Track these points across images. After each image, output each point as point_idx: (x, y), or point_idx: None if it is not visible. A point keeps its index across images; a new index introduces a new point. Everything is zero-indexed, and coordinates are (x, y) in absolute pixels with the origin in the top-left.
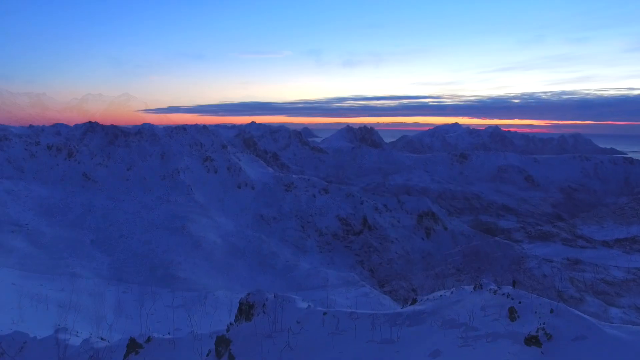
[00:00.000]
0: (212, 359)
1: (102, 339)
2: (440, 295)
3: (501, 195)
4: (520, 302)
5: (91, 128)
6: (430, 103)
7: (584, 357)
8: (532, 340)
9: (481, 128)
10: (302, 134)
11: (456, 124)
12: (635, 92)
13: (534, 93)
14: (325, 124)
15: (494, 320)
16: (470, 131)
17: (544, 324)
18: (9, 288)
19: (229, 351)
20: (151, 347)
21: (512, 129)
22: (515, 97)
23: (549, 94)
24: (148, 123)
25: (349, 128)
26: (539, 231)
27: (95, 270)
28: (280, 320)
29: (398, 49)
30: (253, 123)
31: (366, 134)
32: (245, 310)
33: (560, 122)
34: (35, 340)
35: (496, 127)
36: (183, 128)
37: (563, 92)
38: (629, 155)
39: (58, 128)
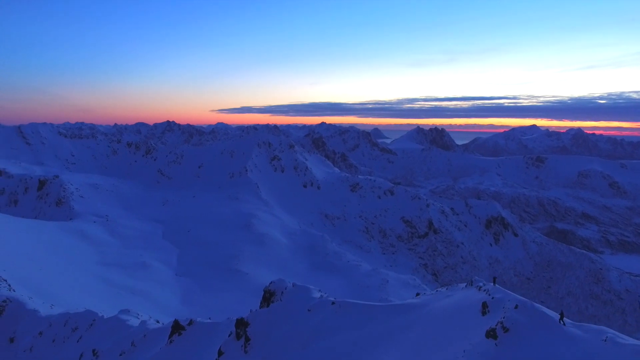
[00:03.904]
0: (232, 340)
1: (157, 321)
2: (436, 290)
3: (581, 202)
4: (493, 298)
5: (169, 127)
6: (506, 104)
7: (536, 349)
8: (491, 333)
9: (562, 130)
10: (372, 135)
11: (534, 125)
12: None
13: (623, 92)
14: (395, 125)
15: (469, 313)
16: (549, 133)
17: (503, 318)
18: (87, 273)
19: (245, 333)
20: (192, 329)
21: (597, 132)
22: (601, 97)
23: None
24: (222, 122)
25: (419, 129)
26: (623, 242)
27: (165, 261)
28: (294, 307)
29: (471, 47)
30: (323, 123)
31: (437, 136)
32: (267, 298)
33: None
34: (102, 319)
35: (579, 130)
36: (254, 128)
37: None
38: None
39: (139, 127)
